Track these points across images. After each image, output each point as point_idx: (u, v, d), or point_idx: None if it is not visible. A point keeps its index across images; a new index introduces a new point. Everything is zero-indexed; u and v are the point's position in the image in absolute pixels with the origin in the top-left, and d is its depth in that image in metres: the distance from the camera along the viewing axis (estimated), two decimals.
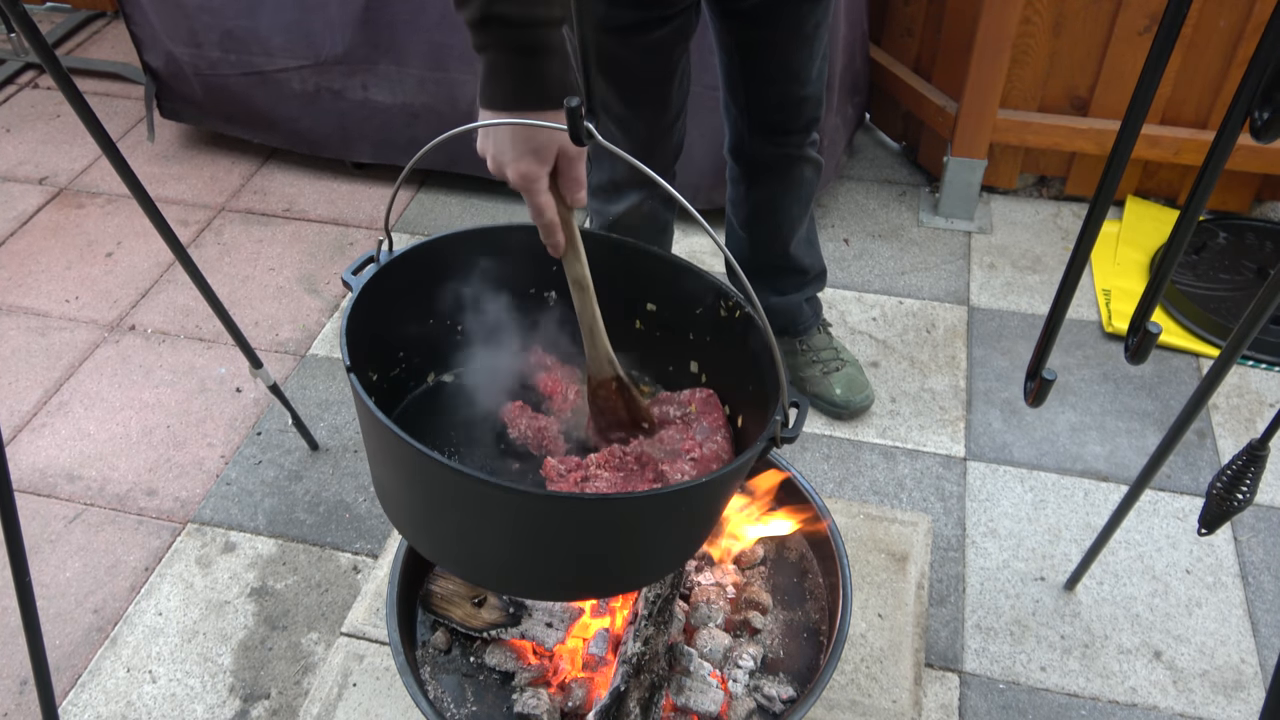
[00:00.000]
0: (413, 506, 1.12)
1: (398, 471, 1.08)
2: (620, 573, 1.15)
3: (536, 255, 1.26)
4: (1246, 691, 1.70)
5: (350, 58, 2.63)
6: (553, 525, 1.03)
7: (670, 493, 1.03)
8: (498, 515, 1.03)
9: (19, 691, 1.74)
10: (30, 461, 2.14)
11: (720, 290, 1.23)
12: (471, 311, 1.30)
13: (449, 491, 1.02)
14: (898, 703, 1.61)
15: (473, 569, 1.15)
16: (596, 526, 1.04)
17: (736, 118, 1.83)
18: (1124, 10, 2.41)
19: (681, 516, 1.10)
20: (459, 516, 1.06)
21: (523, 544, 1.08)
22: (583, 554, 1.08)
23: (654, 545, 1.12)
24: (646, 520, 1.06)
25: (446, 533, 1.12)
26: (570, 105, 0.90)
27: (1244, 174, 2.61)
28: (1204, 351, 2.31)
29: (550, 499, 1.05)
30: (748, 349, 1.19)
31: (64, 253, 2.72)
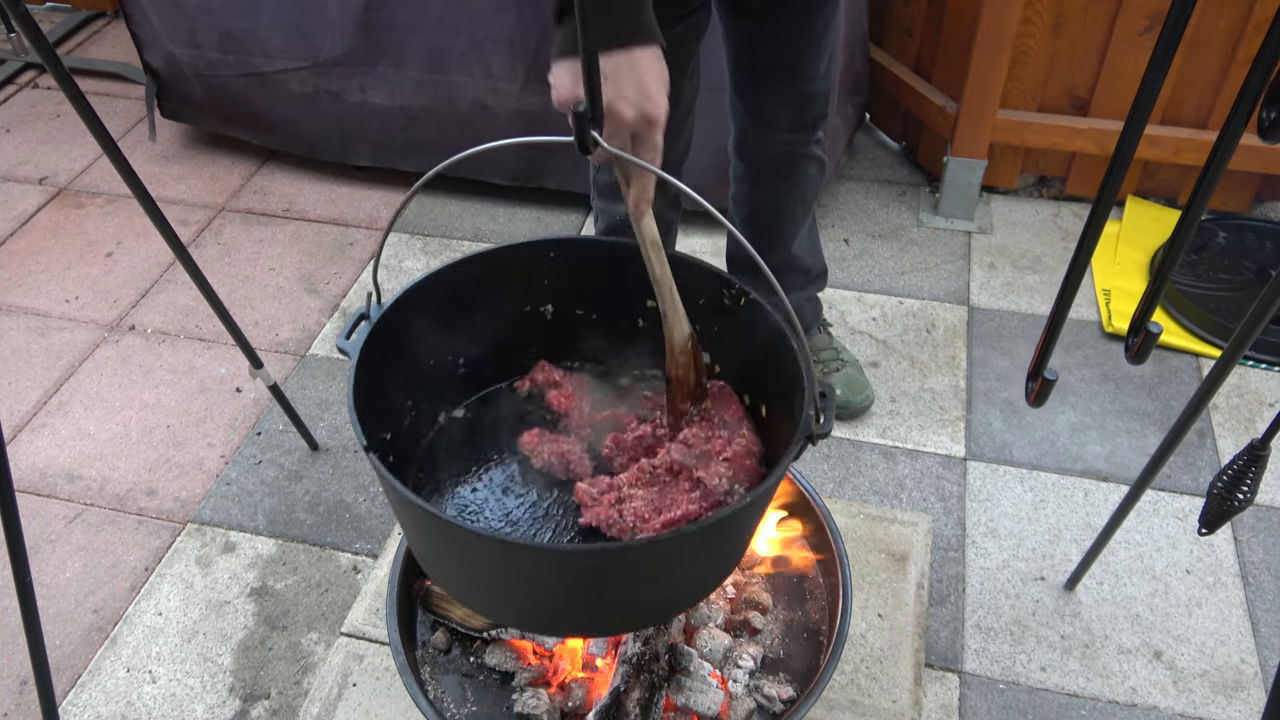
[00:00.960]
0: (463, 575, 1.11)
1: (442, 546, 1.07)
2: (679, 596, 1.14)
3: (524, 273, 1.26)
4: (1246, 691, 1.70)
5: (349, 59, 2.63)
6: (612, 572, 1.02)
7: (723, 518, 1.01)
8: (552, 574, 1.02)
9: (19, 691, 1.74)
10: (30, 461, 2.14)
11: (721, 279, 1.22)
12: (470, 343, 1.29)
13: (498, 560, 1.01)
14: (898, 703, 1.61)
15: (532, 622, 1.15)
16: (656, 562, 1.03)
17: (742, 114, 1.83)
18: (1124, 10, 2.41)
19: (732, 532, 1.09)
20: (512, 577, 1.05)
21: (581, 593, 1.07)
22: (644, 589, 1.07)
23: (704, 567, 1.11)
24: (702, 545, 1.04)
25: (502, 593, 1.11)
26: (577, 110, 0.88)
27: (1244, 174, 2.61)
28: (1204, 351, 2.31)
29: (613, 551, 1.02)
30: (758, 336, 1.18)
31: (64, 253, 2.72)
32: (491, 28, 2.48)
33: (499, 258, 1.25)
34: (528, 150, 2.71)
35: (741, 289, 1.20)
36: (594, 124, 0.89)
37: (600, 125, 0.90)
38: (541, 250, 1.27)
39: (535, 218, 2.82)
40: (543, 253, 1.27)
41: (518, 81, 2.55)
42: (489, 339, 1.30)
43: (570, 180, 2.72)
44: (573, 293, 1.30)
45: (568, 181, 2.73)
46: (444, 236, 2.76)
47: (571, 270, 1.28)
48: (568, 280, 1.29)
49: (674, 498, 1.15)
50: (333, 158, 2.91)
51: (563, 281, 1.29)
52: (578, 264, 1.27)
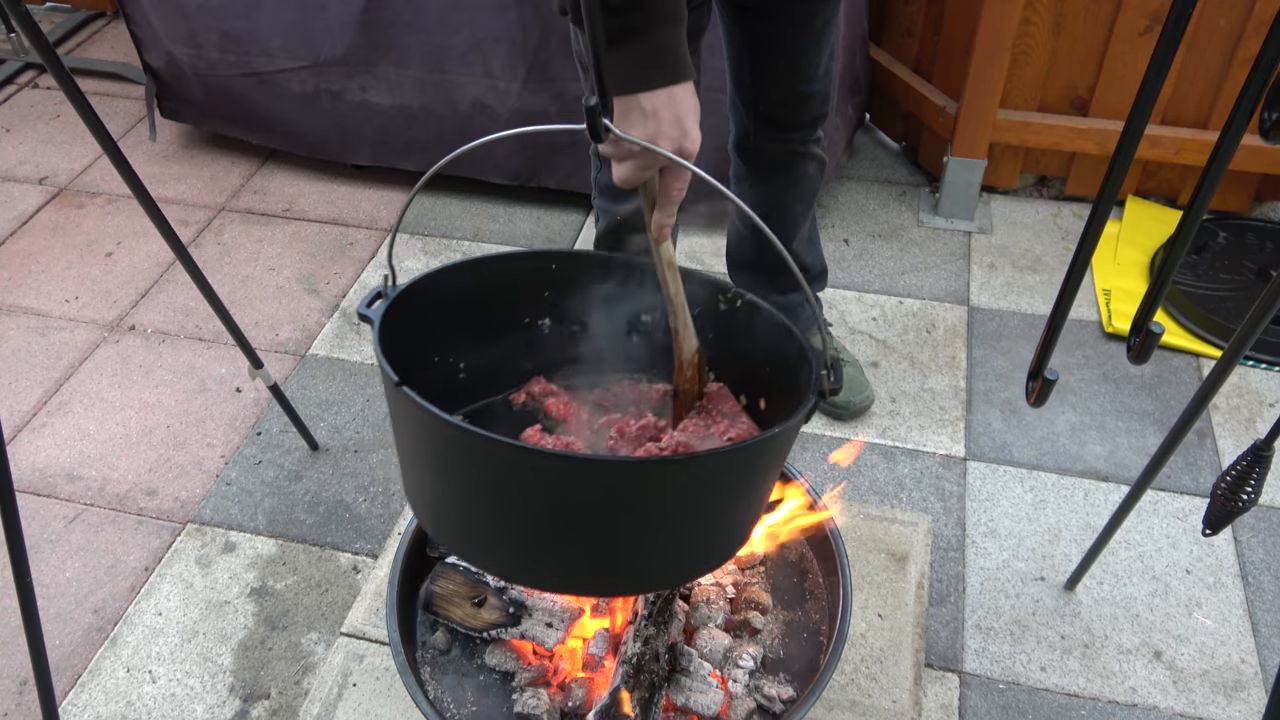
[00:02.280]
0: (470, 509, 1.09)
1: (455, 479, 1.06)
2: (692, 553, 1.12)
3: (525, 284, 1.26)
4: (1246, 691, 1.70)
5: (349, 59, 2.63)
6: (637, 494, 1.01)
7: (740, 449, 1.01)
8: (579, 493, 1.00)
9: (19, 691, 1.74)
10: (30, 461, 2.14)
11: (716, 285, 1.23)
12: (470, 348, 1.29)
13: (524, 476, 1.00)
14: (898, 703, 1.61)
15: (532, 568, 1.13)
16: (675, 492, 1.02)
17: (742, 113, 1.83)
18: (1124, 10, 2.41)
19: (753, 471, 1.08)
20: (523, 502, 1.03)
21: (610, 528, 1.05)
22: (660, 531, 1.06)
23: (720, 513, 1.10)
24: (714, 484, 1.04)
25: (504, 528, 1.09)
26: (589, 104, 0.89)
27: (1244, 174, 2.61)
28: (1204, 351, 2.31)
29: (644, 463, 1.03)
30: (756, 334, 1.19)
31: (64, 253, 2.72)
32: (491, 27, 2.48)
33: (505, 263, 1.26)
34: (528, 150, 2.71)
35: (736, 292, 1.21)
36: (605, 114, 0.90)
37: (610, 114, 0.91)
38: (543, 261, 1.28)
39: (535, 218, 2.82)
40: (545, 264, 1.28)
41: (518, 81, 2.55)
42: (488, 347, 1.30)
43: (571, 180, 2.72)
44: (570, 308, 1.31)
45: (568, 181, 2.73)
46: (444, 236, 2.76)
47: (571, 284, 1.29)
48: (566, 294, 1.30)
49: None
50: (333, 158, 2.91)
51: (561, 296, 1.30)
52: (577, 279, 1.28)
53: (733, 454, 1.02)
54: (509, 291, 1.28)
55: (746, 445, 1.02)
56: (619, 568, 1.12)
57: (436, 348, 1.27)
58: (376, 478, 2.09)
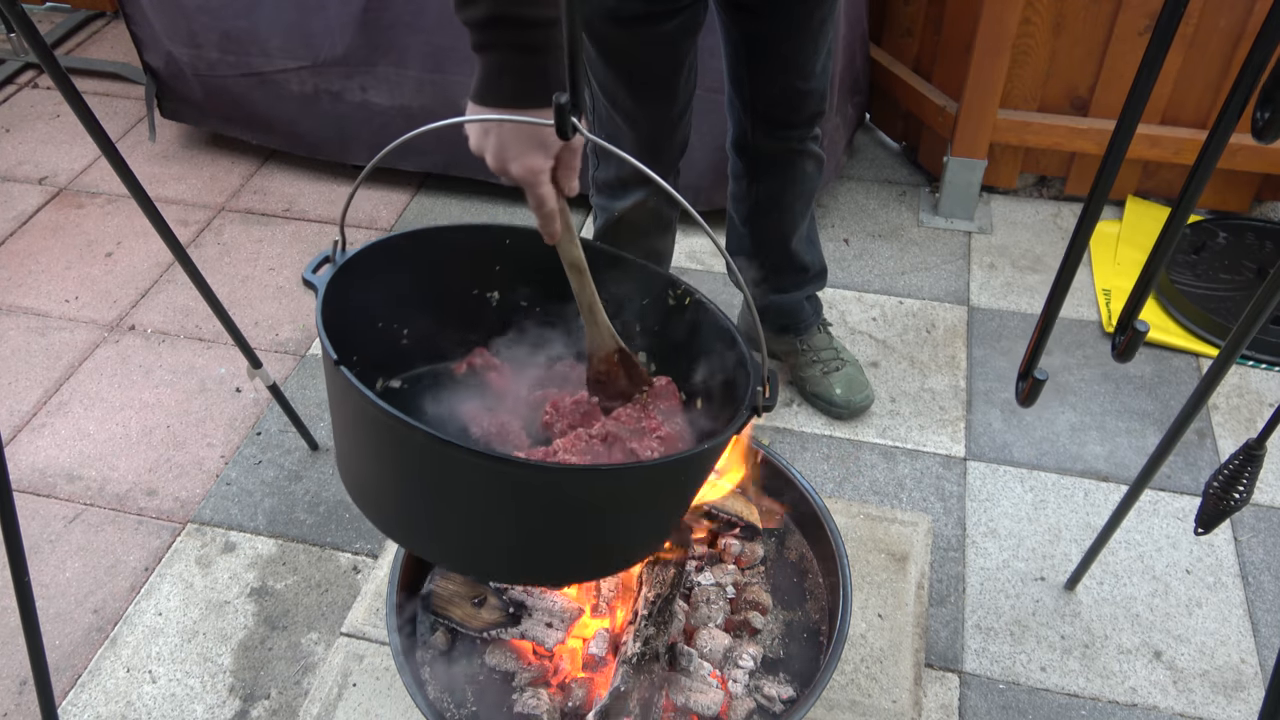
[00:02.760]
0: (393, 491, 1.11)
1: (380, 456, 1.07)
2: (594, 556, 1.14)
3: (478, 256, 1.26)
4: (1246, 691, 1.70)
5: (349, 59, 2.63)
6: (543, 500, 1.03)
7: (671, 462, 1.02)
8: (487, 490, 1.02)
9: (19, 691, 1.74)
10: (30, 461, 2.14)
11: (666, 279, 1.24)
12: (417, 314, 1.29)
13: (440, 467, 1.01)
14: (898, 703, 1.61)
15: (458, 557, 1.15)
16: (585, 500, 1.04)
17: (740, 111, 1.83)
18: (1124, 10, 2.41)
19: (667, 489, 1.10)
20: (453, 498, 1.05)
21: (510, 523, 1.07)
22: (564, 533, 1.08)
23: (630, 525, 1.12)
24: (629, 494, 1.05)
25: (425, 517, 1.11)
26: (559, 102, 0.90)
27: (1244, 174, 2.61)
28: (1204, 351, 2.31)
29: (550, 470, 1.04)
30: (699, 335, 1.20)
31: (64, 253, 2.72)
32: None
33: (456, 234, 1.27)
34: None
35: (686, 289, 1.22)
36: (575, 112, 0.91)
37: (580, 114, 0.92)
38: (497, 235, 1.29)
39: (535, 218, 2.81)
40: (499, 239, 1.29)
41: None
42: (434, 316, 1.30)
43: None
44: (520, 283, 1.32)
45: None
46: None
47: (523, 261, 1.29)
48: (517, 270, 1.31)
49: (608, 459, 1.19)
50: (332, 158, 2.91)
51: (513, 270, 1.31)
52: (530, 255, 1.28)
53: (646, 469, 1.02)
54: (460, 263, 1.28)
55: (663, 462, 1.03)
56: (529, 561, 1.14)
57: (381, 314, 1.27)
58: None
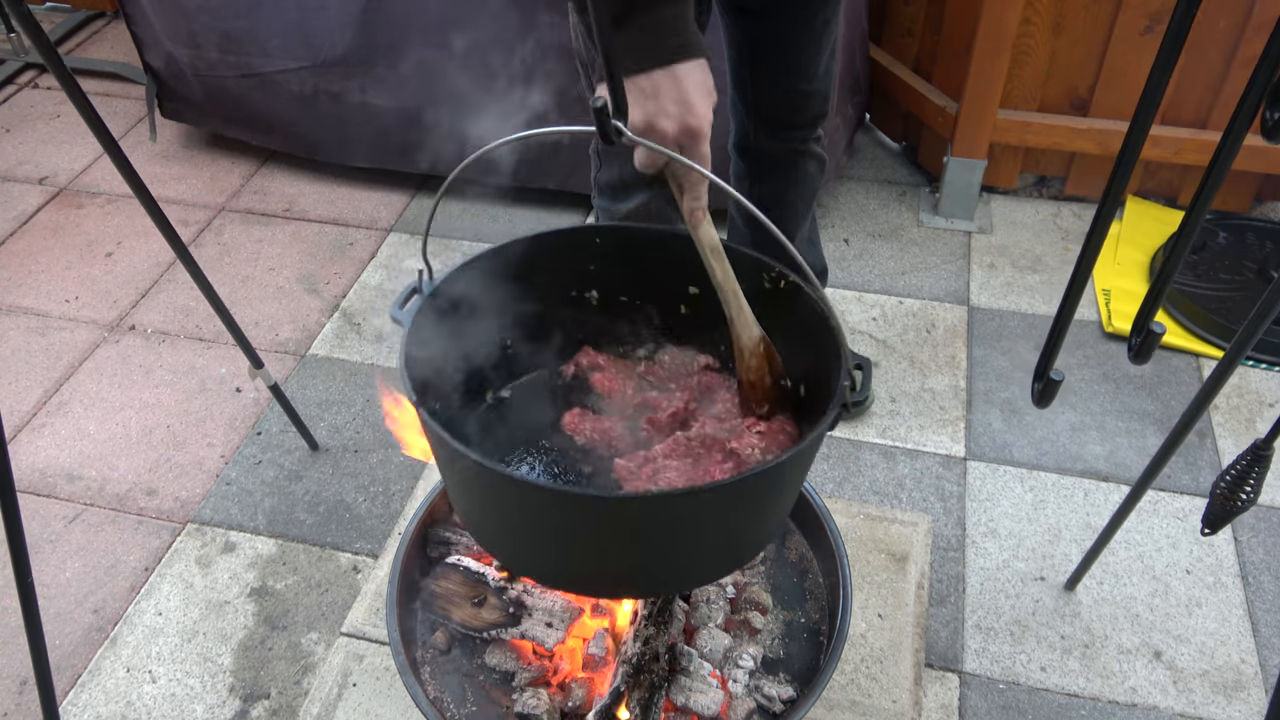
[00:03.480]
0: (506, 529, 1.12)
1: (480, 496, 1.08)
2: (714, 561, 1.14)
3: (569, 259, 1.26)
4: (1246, 691, 1.70)
5: (348, 60, 2.63)
6: (646, 523, 1.03)
7: (751, 476, 1.01)
8: (586, 523, 1.03)
9: (19, 691, 1.74)
10: (30, 461, 2.14)
11: (760, 263, 1.22)
12: (516, 324, 1.30)
13: (544, 509, 1.03)
14: (898, 703, 1.61)
15: (573, 580, 1.16)
16: (683, 519, 1.04)
17: (742, 113, 1.83)
18: (1124, 10, 2.41)
19: (764, 495, 1.09)
20: (556, 529, 1.06)
21: (619, 546, 1.07)
22: (673, 547, 1.08)
23: (739, 530, 1.11)
24: (736, 505, 1.05)
25: (542, 548, 1.12)
26: (596, 105, 0.89)
27: (1244, 174, 2.61)
28: (1204, 351, 2.31)
29: (648, 499, 1.04)
30: (796, 318, 1.18)
31: (64, 253, 2.72)
32: (491, 28, 2.48)
33: (545, 241, 1.26)
34: (528, 150, 2.70)
35: (781, 272, 1.20)
36: (618, 115, 0.90)
37: (623, 116, 0.91)
38: (587, 236, 1.28)
39: (535, 218, 2.82)
40: (589, 238, 1.28)
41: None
42: (535, 322, 1.31)
43: (570, 180, 2.72)
44: (618, 279, 1.32)
45: (568, 181, 2.73)
46: (444, 237, 2.76)
47: (616, 257, 1.29)
48: (612, 267, 1.30)
49: (707, 468, 1.17)
50: (332, 158, 2.91)
51: (607, 268, 1.30)
52: (622, 251, 1.28)
53: (724, 488, 1.01)
54: (552, 268, 1.28)
55: (739, 479, 1.01)
56: (629, 576, 1.13)
57: (479, 330, 1.27)
58: (376, 478, 2.09)
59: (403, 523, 1.96)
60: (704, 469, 1.18)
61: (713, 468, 1.17)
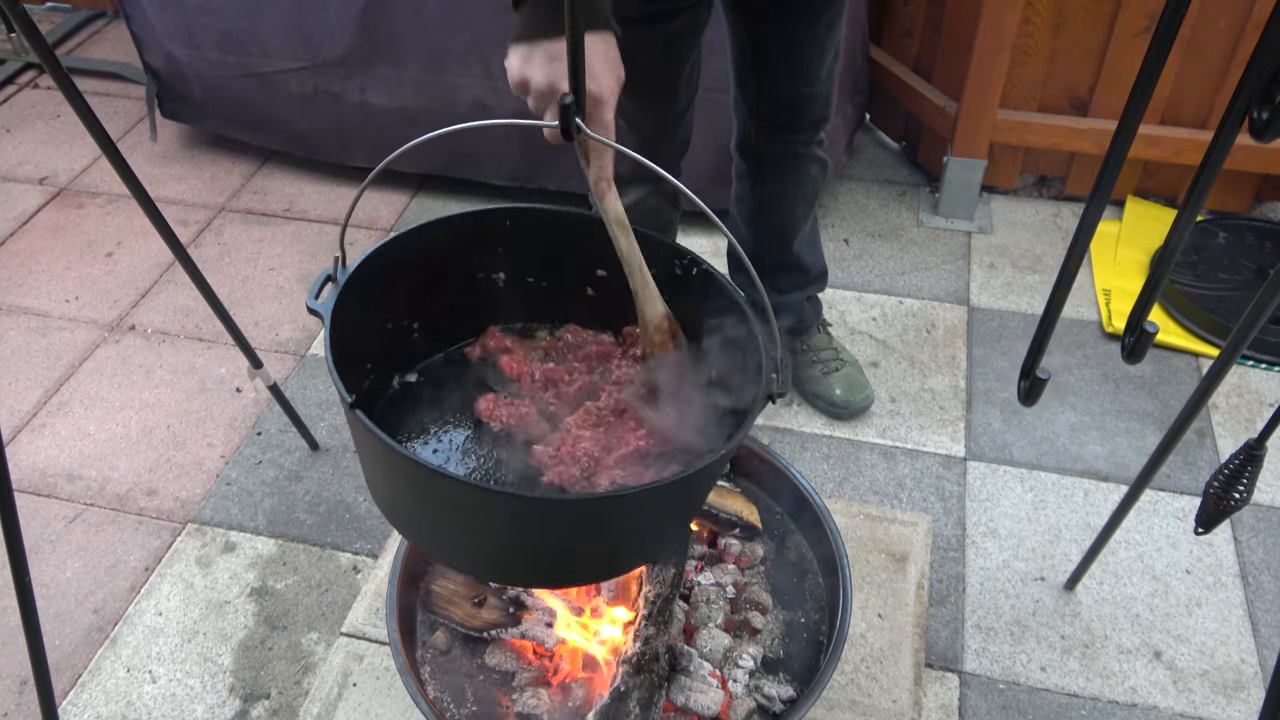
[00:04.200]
0: (421, 518, 1.12)
1: (404, 490, 1.09)
2: (624, 553, 1.15)
3: (480, 241, 1.26)
4: (1246, 691, 1.70)
5: (348, 60, 2.63)
6: (566, 523, 1.03)
7: (681, 479, 1.02)
8: (511, 520, 1.03)
9: (19, 691, 1.74)
10: (30, 461, 2.14)
11: (674, 249, 1.23)
12: (422, 307, 1.29)
13: (462, 505, 1.03)
14: (898, 703, 1.61)
15: (482, 567, 1.16)
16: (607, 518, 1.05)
17: (745, 113, 1.83)
18: (1124, 10, 2.41)
19: (682, 495, 1.10)
20: (469, 522, 1.07)
21: (530, 541, 1.08)
22: (593, 542, 1.09)
23: (655, 525, 1.12)
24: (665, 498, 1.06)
25: (452, 536, 1.12)
26: (564, 102, 0.90)
27: (1244, 174, 2.61)
28: (1204, 351, 2.31)
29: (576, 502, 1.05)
30: (710, 306, 1.19)
31: (64, 253, 2.72)
32: (491, 28, 2.48)
33: (456, 224, 1.26)
34: (526, 150, 2.70)
35: (693, 259, 1.21)
36: (579, 113, 0.91)
37: (584, 115, 0.92)
38: (498, 218, 1.28)
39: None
40: (499, 221, 1.28)
41: None
42: (442, 304, 1.30)
43: (570, 180, 2.72)
44: (526, 261, 1.32)
45: (567, 182, 2.73)
46: None
47: (525, 239, 1.29)
48: (522, 249, 1.30)
49: (621, 435, 1.18)
50: (332, 158, 2.91)
51: (516, 250, 1.30)
52: (531, 234, 1.28)
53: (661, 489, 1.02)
54: (461, 251, 1.28)
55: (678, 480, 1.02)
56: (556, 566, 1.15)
57: (390, 315, 1.27)
58: None
59: None
60: (617, 436, 1.18)
61: (626, 435, 1.18)
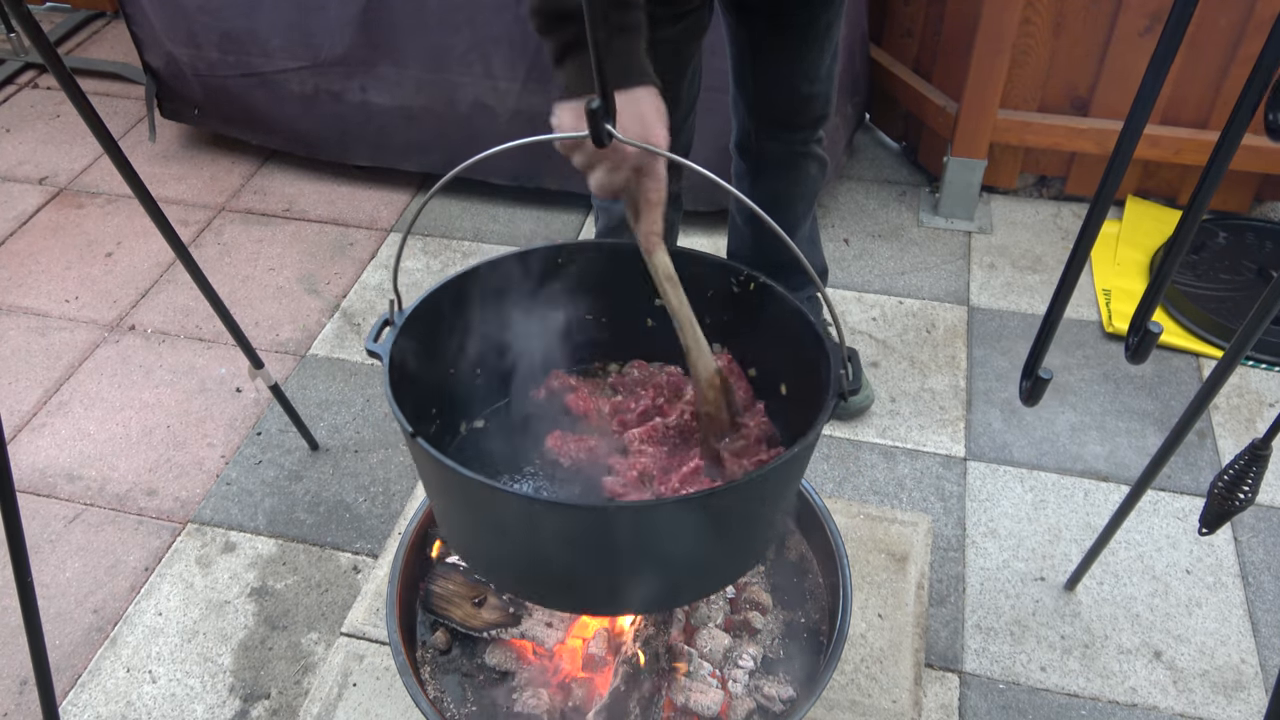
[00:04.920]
0: (500, 548, 1.12)
1: (475, 517, 1.08)
2: (707, 570, 1.13)
3: (534, 280, 1.25)
4: (1246, 691, 1.70)
5: (349, 59, 2.63)
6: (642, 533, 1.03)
7: (754, 479, 1.01)
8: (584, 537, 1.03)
9: (19, 691, 1.74)
10: (30, 461, 2.14)
11: (727, 267, 1.22)
12: (483, 351, 1.29)
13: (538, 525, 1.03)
14: (898, 703, 1.61)
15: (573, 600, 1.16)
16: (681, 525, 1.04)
17: (744, 113, 1.83)
18: (1124, 10, 2.41)
19: (760, 502, 1.08)
20: (546, 548, 1.06)
21: (618, 562, 1.07)
22: (672, 555, 1.08)
23: (738, 537, 1.11)
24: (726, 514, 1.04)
25: (530, 566, 1.12)
26: (591, 107, 0.89)
27: (1244, 174, 2.61)
28: (1204, 351, 2.31)
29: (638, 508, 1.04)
30: (771, 318, 1.18)
31: (64, 253, 2.72)
32: (492, 27, 2.48)
33: (509, 264, 1.25)
34: (528, 151, 2.70)
35: (750, 274, 1.20)
36: (608, 119, 0.90)
37: (613, 119, 0.91)
38: (550, 257, 1.27)
39: (535, 218, 2.82)
40: (551, 259, 1.27)
41: (518, 81, 2.55)
42: (503, 346, 1.30)
43: (571, 180, 2.72)
44: (582, 298, 1.31)
45: (568, 182, 2.73)
46: (444, 237, 2.76)
47: (580, 276, 1.28)
48: (576, 286, 1.29)
49: (684, 456, 1.17)
50: (333, 158, 2.91)
51: (571, 287, 1.29)
52: (585, 269, 1.28)
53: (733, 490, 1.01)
54: (515, 293, 1.27)
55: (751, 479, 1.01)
56: (628, 592, 1.13)
57: (452, 359, 1.26)
58: (376, 478, 2.09)
59: (403, 523, 1.96)
60: (681, 457, 1.17)
61: (690, 453, 1.17)
